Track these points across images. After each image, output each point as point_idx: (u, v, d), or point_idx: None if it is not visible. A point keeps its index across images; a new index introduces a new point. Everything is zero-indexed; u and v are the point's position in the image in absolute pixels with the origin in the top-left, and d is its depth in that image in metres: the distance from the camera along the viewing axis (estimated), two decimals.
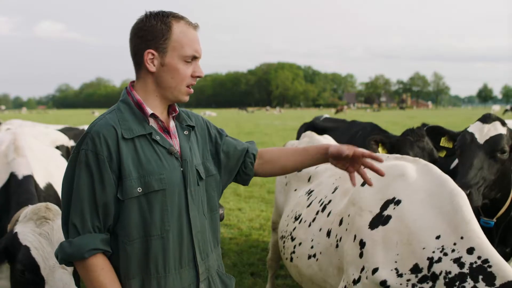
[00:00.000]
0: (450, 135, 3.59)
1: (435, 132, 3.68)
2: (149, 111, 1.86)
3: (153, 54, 1.84)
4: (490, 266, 1.92)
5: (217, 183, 2.09)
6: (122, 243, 1.78)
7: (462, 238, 2.04)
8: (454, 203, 2.15)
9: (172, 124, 1.96)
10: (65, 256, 1.73)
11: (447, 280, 1.99)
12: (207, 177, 2.01)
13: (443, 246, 2.07)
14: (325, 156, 2.08)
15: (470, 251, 2.00)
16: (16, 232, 2.28)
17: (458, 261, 2.00)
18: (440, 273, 2.03)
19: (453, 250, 2.04)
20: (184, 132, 1.97)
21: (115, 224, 1.79)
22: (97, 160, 1.73)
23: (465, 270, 1.96)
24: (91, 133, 1.76)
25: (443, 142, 3.63)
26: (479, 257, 1.96)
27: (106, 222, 1.76)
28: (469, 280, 1.93)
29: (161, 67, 1.85)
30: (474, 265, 1.95)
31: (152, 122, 1.88)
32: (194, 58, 1.88)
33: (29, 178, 2.97)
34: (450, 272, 2.00)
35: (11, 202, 2.83)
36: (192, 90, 1.91)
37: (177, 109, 1.99)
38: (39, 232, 2.27)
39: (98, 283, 1.72)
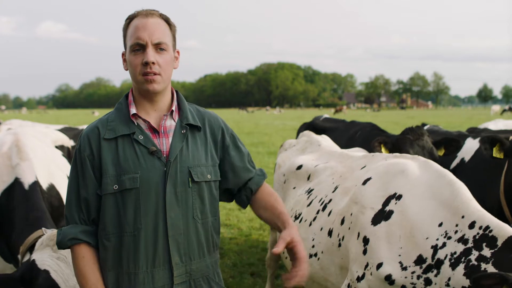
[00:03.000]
0: (501, 143, 3.40)
1: (490, 141, 3.46)
2: (132, 111, 1.92)
3: (124, 55, 1.96)
4: (491, 231, 1.98)
5: (218, 189, 2.05)
6: (100, 237, 1.88)
7: (463, 217, 2.10)
8: (453, 190, 2.22)
9: (169, 122, 1.95)
10: (56, 243, 1.89)
11: (452, 261, 2.04)
12: (206, 182, 1.96)
13: (446, 231, 2.13)
14: (280, 230, 1.96)
15: (472, 225, 2.05)
16: (33, 260, 2.32)
17: (462, 239, 2.05)
18: (445, 257, 2.07)
19: (456, 231, 2.09)
20: (182, 131, 1.95)
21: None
22: (80, 158, 1.88)
23: (470, 244, 2.02)
24: (82, 134, 1.93)
25: (496, 153, 3.43)
26: (480, 227, 2.02)
27: (89, 215, 1.88)
28: (473, 252, 1.99)
29: (127, 63, 1.93)
30: (477, 236, 2.01)
31: (140, 121, 1.92)
32: (141, 46, 1.84)
33: (35, 187, 2.98)
34: (455, 253, 2.05)
35: (16, 212, 2.84)
36: (150, 77, 1.84)
37: (173, 107, 1.97)
38: (56, 256, 2.32)
39: (78, 269, 1.85)
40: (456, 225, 2.11)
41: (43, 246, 2.38)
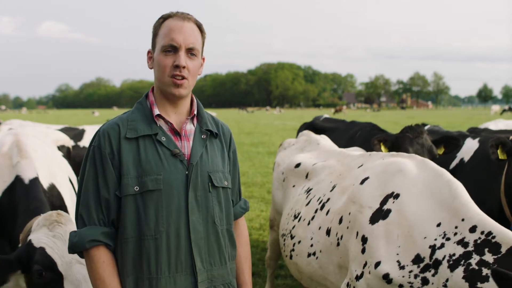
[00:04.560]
0: (503, 144, 3.45)
1: (495, 144, 3.50)
2: (156, 111, 1.90)
3: (150, 52, 1.94)
4: (494, 237, 1.96)
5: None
6: (119, 241, 1.82)
7: (463, 220, 2.09)
8: (451, 191, 2.21)
9: (189, 126, 1.95)
10: (70, 245, 1.80)
11: (451, 262, 2.04)
12: (224, 188, 1.97)
13: (444, 232, 2.12)
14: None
15: (473, 229, 2.04)
16: (29, 240, 2.32)
17: (461, 242, 2.04)
18: (443, 258, 2.07)
19: (455, 234, 2.09)
20: (202, 136, 1.95)
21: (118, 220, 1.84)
22: (100, 155, 1.81)
23: (470, 248, 2.00)
24: (100, 131, 1.86)
25: (501, 155, 3.48)
26: (482, 232, 2.01)
27: (109, 216, 1.82)
28: (474, 255, 1.97)
29: (153, 63, 1.91)
30: (479, 241, 1.99)
31: (162, 123, 1.90)
32: (174, 48, 1.84)
33: (36, 182, 2.98)
34: (454, 254, 2.04)
35: (18, 207, 2.84)
36: (179, 81, 1.84)
37: (195, 112, 1.98)
38: (52, 234, 2.30)
39: (97, 275, 1.77)
40: (456, 227, 2.10)
41: (39, 227, 2.35)
